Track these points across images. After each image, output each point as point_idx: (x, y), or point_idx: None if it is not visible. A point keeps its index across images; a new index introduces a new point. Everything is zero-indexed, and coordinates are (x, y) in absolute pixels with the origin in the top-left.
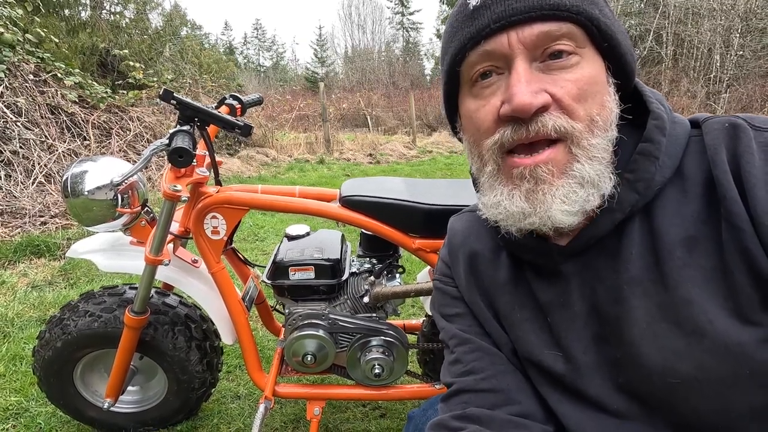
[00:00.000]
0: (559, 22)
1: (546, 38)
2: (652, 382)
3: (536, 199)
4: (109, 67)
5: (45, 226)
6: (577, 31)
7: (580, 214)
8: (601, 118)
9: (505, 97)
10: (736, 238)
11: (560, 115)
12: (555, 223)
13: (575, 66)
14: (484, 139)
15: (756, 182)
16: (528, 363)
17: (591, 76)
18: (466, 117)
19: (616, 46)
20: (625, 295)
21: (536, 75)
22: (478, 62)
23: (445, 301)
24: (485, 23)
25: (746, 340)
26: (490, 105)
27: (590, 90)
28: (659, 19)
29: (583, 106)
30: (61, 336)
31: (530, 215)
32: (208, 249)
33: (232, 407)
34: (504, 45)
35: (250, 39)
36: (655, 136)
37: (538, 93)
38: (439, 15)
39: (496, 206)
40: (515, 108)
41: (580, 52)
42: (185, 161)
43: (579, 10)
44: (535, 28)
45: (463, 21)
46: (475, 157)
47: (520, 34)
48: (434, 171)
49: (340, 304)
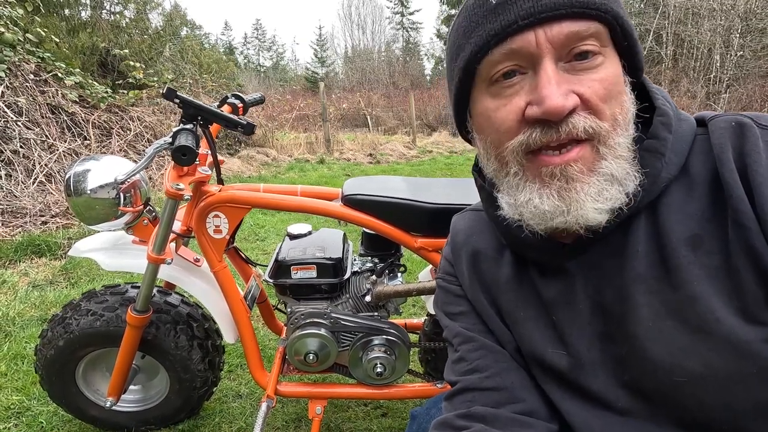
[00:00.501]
0: (587, 21)
1: (574, 38)
2: (658, 379)
3: (570, 198)
4: (109, 67)
5: (46, 226)
6: (603, 30)
7: (609, 212)
8: (622, 117)
9: (533, 98)
10: (743, 236)
11: (588, 116)
12: (587, 222)
13: (600, 66)
14: (505, 140)
15: (762, 181)
16: (532, 360)
17: (614, 76)
18: (482, 116)
19: (634, 44)
20: (630, 293)
21: (564, 76)
22: (502, 61)
23: (448, 299)
24: (512, 19)
25: (753, 338)
26: (513, 105)
27: (614, 90)
28: (659, 19)
29: (608, 106)
30: (63, 335)
31: (563, 213)
32: (210, 248)
33: (234, 406)
34: (531, 43)
35: (250, 39)
36: (661, 133)
37: (568, 95)
38: (439, 15)
39: (525, 205)
40: (547, 111)
41: (604, 51)
42: (189, 159)
43: (607, 8)
44: (564, 26)
45: (485, 16)
46: (492, 158)
47: (548, 32)
48: (434, 171)
49: (342, 303)
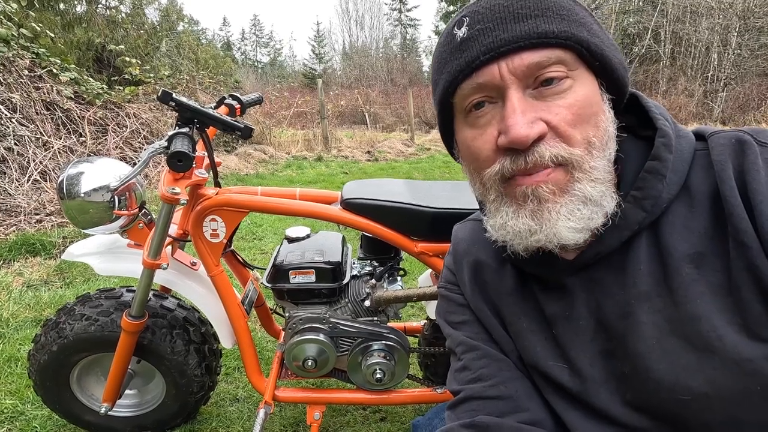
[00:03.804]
0: (548, 50)
1: (537, 67)
2: (661, 396)
3: (542, 217)
4: (105, 63)
5: (40, 224)
6: (567, 56)
7: (585, 231)
8: (597, 139)
9: (501, 127)
10: (744, 255)
11: (557, 144)
12: (561, 240)
13: (568, 90)
14: (484, 167)
15: (763, 199)
16: (534, 371)
17: (585, 98)
18: (463, 145)
19: (606, 63)
20: (633, 310)
21: (530, 103)
22: (471, 94)
23: (451, 308)
24: (474, 55)
25: (756, 356)
26: (487, 134)
27: (585, 113)
28: (657, 18)
29: (579, 131)
30: (56, 340)
31: (536, 232)
32: (207, 252)
33: (231, 410)
34: (495, 76)
35: (248, 35)
36: (663, 154)
37: (534, 123)
38: (438, 11)
39: (502, 227)
40: (512, 140)
41: (572, 74)
42: (184, 165)
43: (567, 35)
44: (525, 57)
45: (452, 53)
46: (477, 184)
47: (510, 64)
48: (433, 169)
49: (341, 307)
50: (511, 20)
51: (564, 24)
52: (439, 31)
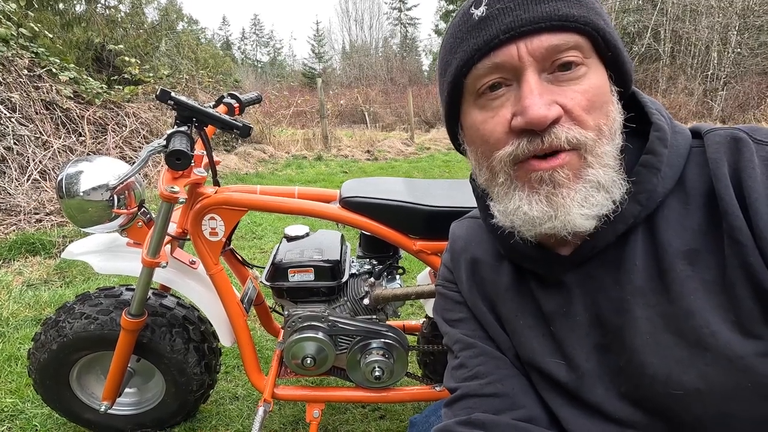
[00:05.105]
0: (567, 34)
1: (555, 50)
2: (655, 391)
3: (557, 203)
4: (104, 62)
5: (40, 224)
6: (584, 42)
7: (595, 218)
8: (607, 127)
9: (517, 109)
10: (738, 252)
11: (572, 126)
12: (574, 227)
13: (583, 77)
14: (494, 150)
15: (758, 197)
16: (531, 368)
17: (598, 86)
18: (471, 128)
19: (618, 54)
20: (628, 305)
21: (547, 87)
22: (487, 74)
23: (448, 306)
24: (493, 34)
25: (748, 352)
26: (500, 117)
27: (598, 100)
28: (657, 16)
29: (592, 117)
30: (56, 338)
31: (550, 219)
32: (206, 250)
33: (231, 408)
34: (513, 57)
35: (248, 35)
36: (657, 148)
37: (551, 105)
38: (438, 10)
39: (514, 212)
40: (530, 120)
41: (587, 62)
42: (183, 164)
43: (587, 21)
44: (544, 39)
45: (468, 32)
46: (483, 168)
47: (529, 45)
48: (432, 168)
49: (339, 305)
50: (531, 1)
51: (583, 10)
52: (440, 30)
